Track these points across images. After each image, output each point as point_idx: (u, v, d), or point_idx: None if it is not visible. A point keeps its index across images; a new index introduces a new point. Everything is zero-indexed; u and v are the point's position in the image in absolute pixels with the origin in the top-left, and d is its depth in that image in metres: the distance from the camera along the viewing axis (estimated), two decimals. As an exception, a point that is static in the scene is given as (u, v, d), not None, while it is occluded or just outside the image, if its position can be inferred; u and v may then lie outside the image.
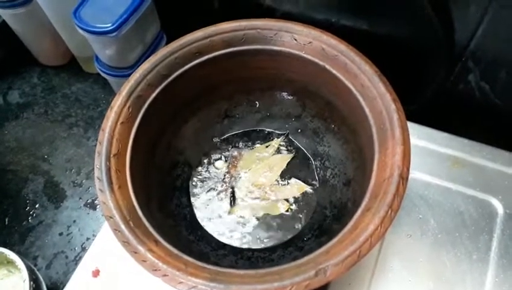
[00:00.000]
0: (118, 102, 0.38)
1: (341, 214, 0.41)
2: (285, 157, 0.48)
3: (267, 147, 0.49)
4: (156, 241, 0.33)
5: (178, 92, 0.42)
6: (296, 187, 0.46)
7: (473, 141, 0.50)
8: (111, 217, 0.33)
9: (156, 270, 0.31)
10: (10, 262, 0.44)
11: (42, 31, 0.61)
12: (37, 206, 0.56)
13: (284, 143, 0.49)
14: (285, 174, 0.47)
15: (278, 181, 0.47)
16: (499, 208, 0.46)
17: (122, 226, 0.33)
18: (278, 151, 0.48)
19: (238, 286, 0.30)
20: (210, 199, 0.46)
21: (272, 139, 0.49)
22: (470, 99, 0.51)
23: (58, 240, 0.53)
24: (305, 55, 0.41)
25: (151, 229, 0.34)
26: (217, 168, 0.48)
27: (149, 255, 0.32)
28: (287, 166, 0.47)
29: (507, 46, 0.45)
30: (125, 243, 0.32)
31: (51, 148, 0.60)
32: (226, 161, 0.48)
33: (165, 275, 0.31)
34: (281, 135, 0.49)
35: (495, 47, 0.46)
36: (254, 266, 0.41)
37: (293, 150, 0.48)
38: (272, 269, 0.31)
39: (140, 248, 0.32)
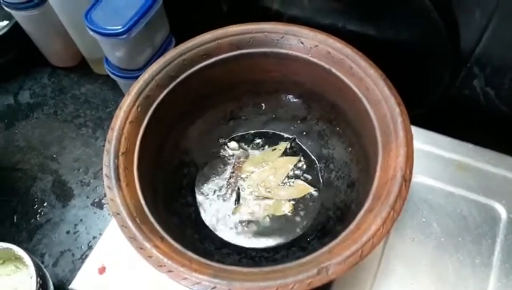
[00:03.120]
0: (127, 102, 0.39)
1: (345, 215, 0.41)
2: (291, 160, 0.48)
3: (273, 150, 0.49)
4: (162, 238, 0.34)
5: (185, 93, 0.43)
6: (301, 188, 0.46)
7: (477, 146, 0.50)
8: (118, 214, 0.34)
9: (161, 266, 0.32)
10: (18, 258, 0.44)
11: (54, 32, 0.62)
12: (45, 204, 0.56)
13: (290, 145, 0.49)
14: (290, 176, 0.48)
15: (282, 182, 0.47)
16: (503, 212, 0.46)
17: (129, 223, 0.34)
18: (284, 154, 0.49)
19: (241, 282, 0.31)
20: (215, 199, 0.47)
21: (278, 142, 0.49)
22: (474, 104, 0.52)
23: (65, 238, 0.54)
24: (311, 59, 0.41)
25: (157, 226, 0.34)
26: (232, 149, 0.49)
27: (155, 251, 0.32)
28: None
29: (512, 52, 0.45)
30: (132, 239, 0.33)
31: (59, 148, 0.61)
32: (238, 146, 0.49)
33: (169, 271, 0.31)
34: (287, 137, 0.49)
35: (500, 53, 0.46)
36: (258, 265, 0.41)
37: (299, 153, 0.49)
38: (275, 267, 0.31)
39: (147, 244, 0.33)
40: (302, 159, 0.48)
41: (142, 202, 0.35)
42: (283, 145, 0.49)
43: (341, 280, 0.43)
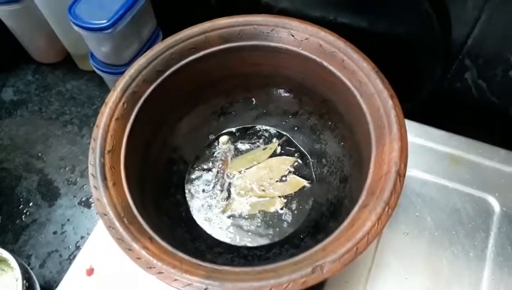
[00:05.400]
0: (112, 98, 0.38)
1: (338, 211, 0.41)
2: (287, 161, 0.47)
3: (264, 149, 0.48)
4: (151, 239, 0.33)
5: (174, 88, 0.42)
6: (294, 183, 0.46)
7: (469, 139, 0.50)
8: (105, 214, 0.33)
9: (150, 267, 0.31)
10: (3, 261, 0.43)
11: (37, 27, 0.61)
12: (30, 204, 0.55)
13: (282, 142, 0.48)
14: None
15: (276, 179, 0.46)
16: (496, 205, 0.46)
17: (117, 223, 0.33)
18: (275, 152, 0.48)
19: (233, 283, 0.30)
20: (206, 197, 0.46)
21: (269, 137, 0.49)
22: (466, 97, 0.51)
23: (52, 238, 0.52)
24: (302, 52, 0.40)
25: (145, 226, 0.33)
26: (222, 144, 0.48)
27: (144, 253, 0.31)
28: (283, 164, 0.47)
29: (504, 43, 0.45)
30: (120, 240, 0.32)
31: (45, 146, 0.60)
32: (229, 140, 0.48)
33: (160, 273, 0.30)
34: (278, 132, 0.49)
35: (492, 44, 0.46)
36: (250, 264, 0.40)
37: (292, 150, 0.48)
38: (268, 267, 0.31)
39: (135, 245, 0.32)
40: (293, 154, 0.48)
41: (130, 201, 0.34)
42: (274, 145, 0.48)
43: (335, 276, 0.42)
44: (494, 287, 0.42)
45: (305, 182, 0.45)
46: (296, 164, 0.47)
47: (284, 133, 0.49)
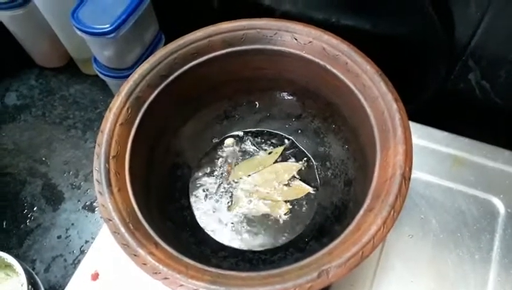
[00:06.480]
0: (116, 103, 0.38)
1: (343, 214, 0.41)
2: (293, 168, 0.47)
3: (269, 154, 0.48)
4: (156, 244, 0.33)
5: (177, 93, 0.42)
6: (298, 189, 0.45)
7: (473, 140, 0.49)
8: (110, 220, 0.33)
9: (156, 273, 0.31)
10: (8, 266, 0.43)
11: (40, 32, 0.61)
12: (35, 209, 0.55)
13: (287, 145, 0.48)
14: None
15: (280, 184, 0.46)
16: (501, 207, 0.46)
17: (122, 229, 0.33)
18: (281, 156, 0.48)
19: (239, 288, 0.30)
20: (210, 201, 0.46)
21: (273, 140, 0.49)
22: (470, 98, 0.51)
23: (56, 243, 0.53)
24: (305, 55, 0.40)
25: (151, 231, 0.33)
26: (227, 147, 0.48)
27: (149, 258, 0.31)
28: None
29: (507, 45, 0.45)
30: (125, 245, 0.32)
31: (48, 151, 0.60)
32: (234, 142, 0.48)
33: (165, 278, 0.30)
34: (282, 135, 0.48)
35: (495, 46, 0.46)
36: (255, 268, 0.40)
37: (296, 154, 0.47)
38: (274, 271, 0.31)
39: (141, 251, 0.32)
40: (298, 157, 0.47)
41: (135, 207, 0.34)
42: (279, 149, 0.48)
43: (340, 280, 0.42)
44: (499, 290, 0.42)
45: (310, 189, 0.45)
46: (301, 168, 0.47)
47: (288, 136, 0.49)
